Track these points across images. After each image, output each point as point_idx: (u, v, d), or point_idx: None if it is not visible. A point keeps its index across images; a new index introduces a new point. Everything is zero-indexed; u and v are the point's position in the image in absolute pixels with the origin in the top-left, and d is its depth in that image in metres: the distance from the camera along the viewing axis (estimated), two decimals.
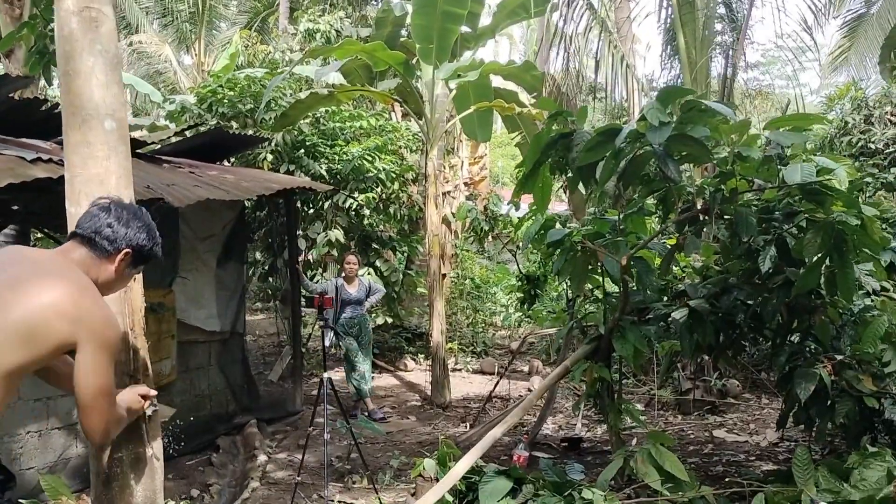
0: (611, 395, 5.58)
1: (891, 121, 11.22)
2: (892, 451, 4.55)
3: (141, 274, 2.70)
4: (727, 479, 5.30)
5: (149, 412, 2.61)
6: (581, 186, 5.36)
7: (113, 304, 2.62)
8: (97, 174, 2.65)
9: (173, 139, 7.40)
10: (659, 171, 4.74)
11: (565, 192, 14.54)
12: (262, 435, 7.01)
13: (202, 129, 8.28)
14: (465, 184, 14.24)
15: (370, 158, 10.01)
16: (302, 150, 9.74)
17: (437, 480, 4.65)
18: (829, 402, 4.96)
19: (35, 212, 5.66)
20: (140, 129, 10.07)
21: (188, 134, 7.42)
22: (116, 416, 2.20)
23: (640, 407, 8.06)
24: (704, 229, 4.99)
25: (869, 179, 10.12)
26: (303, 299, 7.88)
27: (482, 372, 10.76)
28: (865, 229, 4.33)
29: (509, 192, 11.85)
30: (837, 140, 11.64)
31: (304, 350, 9.22)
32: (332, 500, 4.82)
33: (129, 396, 2.39)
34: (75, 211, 2.58)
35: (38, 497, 4.14)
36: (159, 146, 7.28)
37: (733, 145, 4.53)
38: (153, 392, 2.50)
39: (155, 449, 2.67)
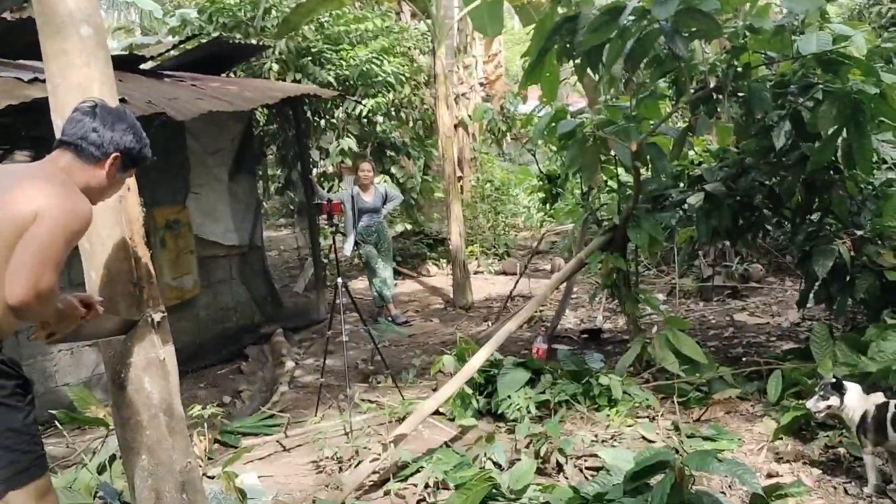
0: (627, 285, 5.58)
1: None
2: None
3: (133, 180, 2.68)
4: (745, 360, 5.36)
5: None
6: (590, 72, 5.19)
7: (110, 213, 2.64)
8: (78, 83, 2.59)
9: (173, 53, 7.27)
10: (668, 50, 4.57)
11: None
12: (288, 343, 7.18)
13: (203, 41, 8.11)
14: (481, 84, 13.85)
15: (378, 62, 9.76)
16: (308, 58, 9.52)
17: None
18: (848, 279, 4.92)
19: (38, 136, 5.65)
20: (146, 47, 9.86)
21: (187, 47, 7.27)
22: (47, 281, 2.01)
23: (661, 297, 8.08)
24: (718, 108, 4.83)
25: None
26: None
27: (504, 273, 10.81)
28: (885, 98, 4.16)
29: (529, 91, 11.57)
30: (866, 11, 11.07)
31: (325, 260, 9.31)
32: (356, 399, 4.96)
33: (67, 299, 2.24)
34: (61, 122, 2.54)
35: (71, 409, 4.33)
36: (160, 61, 7.17)
37: (745, 16, 4.31)
38: (96, 298, 2.36)
39: (167, 353, 2.72)
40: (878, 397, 3.54)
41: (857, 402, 3.52)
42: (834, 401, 3.54)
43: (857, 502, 3.46)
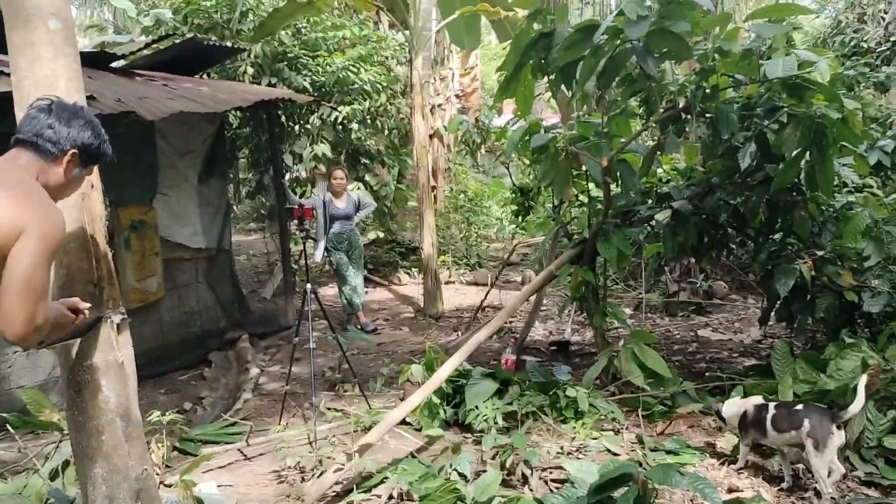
0: (595, 298, 5.62)
1: (884, 19, 10.90)
2: (869, 343, 4.63)
3: (97, 178, 2.64)
4: (708, 374, 5.42)
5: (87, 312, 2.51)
6: (564, 88, 5.24)
7: (72, 211, 2.59)
8: (45, 76, 2.56)
9: (146, 52, 7.19)
10: (640, 70, 4.63)
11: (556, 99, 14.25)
12: (254, 349, 7.10)
13: (177, 41, 8.03)
14: (457, 96, 13.92)
15: (355, 69, 9.75)
16: (284, 63, 9.49)
17: None
18: (809, 298, 5.02)
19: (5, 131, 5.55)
20: (119, 45, 9.75)
21: (161, 46, 7.20)
22: (41, 313, 2.03)
23: (628, 311, 8.16)
24: (686, 128, 4.90)
25: (860, 79, 9.93)
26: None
27: (476, 283, 10.83)
28: (846, 123, 4.27)
29: (504, 105, 11.63)
30: (830, 39, 11.36)
31: (295, 266, 9.25)
32: (322, 408, 4.92)
33: (57, 308, 2.24)
34: None
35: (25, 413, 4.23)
36: (132, 60, 7.08)
37: (714, 40, 4.40)
38: (85, 304, 2.34)
39: (125, 356, 2.68)
40: (757, 399, 4.06)
41: (731, 409, 4.06)
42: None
43: None
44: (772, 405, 3.91)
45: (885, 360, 4.33)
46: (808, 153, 4.42)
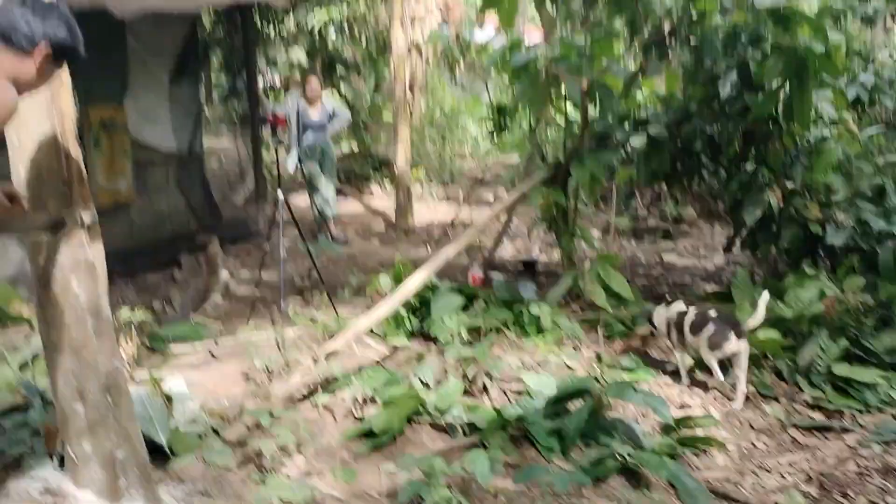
0: (565, 220, 5.68)
1: None
2: (828, 275, 4.78)
3: (69, 76, 2.57)
4: (669, 298, 5.56)
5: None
6: (548, 4, 5.15)
7: (40, 107, 2.53)
8: None
9: None
10: None
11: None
12: (224, 254, 7.10)
13: None
14: (439, 8, 13.52)
15: None
16: None
17: None
18: (775, 228, 5.12)
19: None
20: None
21: None
22: None
23: (597, 233, 8.27)
24: (669, 52, 4.86)
25: (848, 11, 9.82)
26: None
27: (448, 200, 10.84)
28: (829, 56, 4.26)
29: (487, 19, 11.34)
30: None
31: (266, 174, 9.15)
32: (290, 313, 4.98)
33: None
34: None
35: None
36: None
37: None
38: (23, 193, 2.35)
39: (96, 256, 2.65)
40: (681, 306, 4.32)
41: (660, 316, 4.35)
42: (651, 324, 4.45)
43: (760, 436, 3.71)
44: (691, 310, 4.20)
45: (842, 291, 4.48)
46: (787, 84, 4.43)
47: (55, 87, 2.51)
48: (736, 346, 3.94)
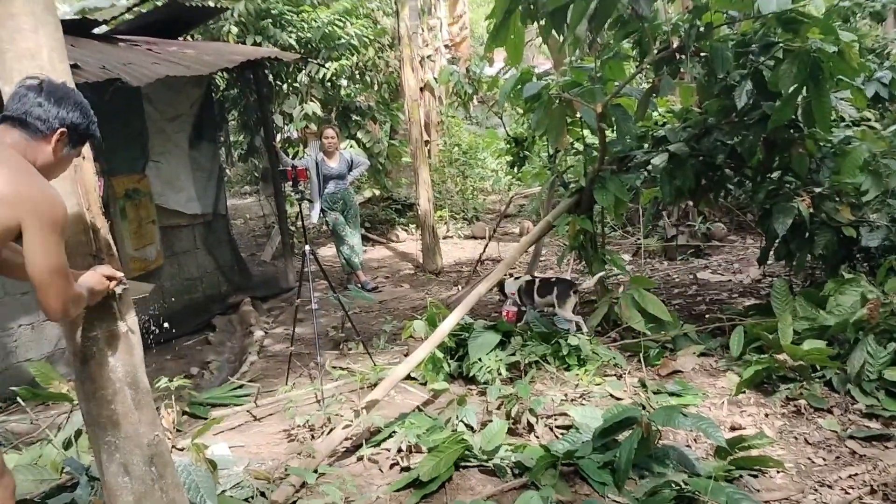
0: (594, 246, 5.62)
1: None
2: (868, 278, 4.65)
3: (88, 149, 2.61)
4: (708, 316, 5.46)
5: (118, 290, 2.59)
6: (555, 33, 5.16)
7: (65, 184, 2.56)
8: (27, 48, 2.50)
9: (128, 16, 7.05)
10: (632, 11, 4.55)
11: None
12: (257, 312, 7.14)
13: (158, 3, 7.87)
14: (446, 46, 13.70)
15: (341, 24, 9.60)
16: (268, 20, 9.32)
17: None
18: (807, 235, 5.02)
19: None
20: (100, 10, 9.55)
21: (142, 10, 7.05)
22: (73, 293, 2.18)
23: (627, 257, 8.18)
24: (681, 68, 4.84)
25: (855, 9, 9.75)
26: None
27: (473, 237, 10.83)
28: (843, 56, 4.20)
29: (494, 54, 11.45)
30: None
31: (292, 228, 9.24)
32: (327, 367, 4.96)
33: (92, 277, 2.36)
34: (9, 90, 2.46)
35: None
36: (114, 25, 6.95)
37: None
38: (119, 273, 2.46)
39: (130, 324, 2.68)
40: (528, 277, 5.89)
41: (511, 286, 5.75)
42: (510, 301, 5.74)
43: (817, 451, 3.58)
44: (537, 279, 5.68)
45: (884, 293, 4.36)
46: (804, 89, 4.36)
47: (77, 161, 2.55)
48: (575, 298, 5.30)
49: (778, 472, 3.38)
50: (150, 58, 5.92)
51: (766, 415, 3.97)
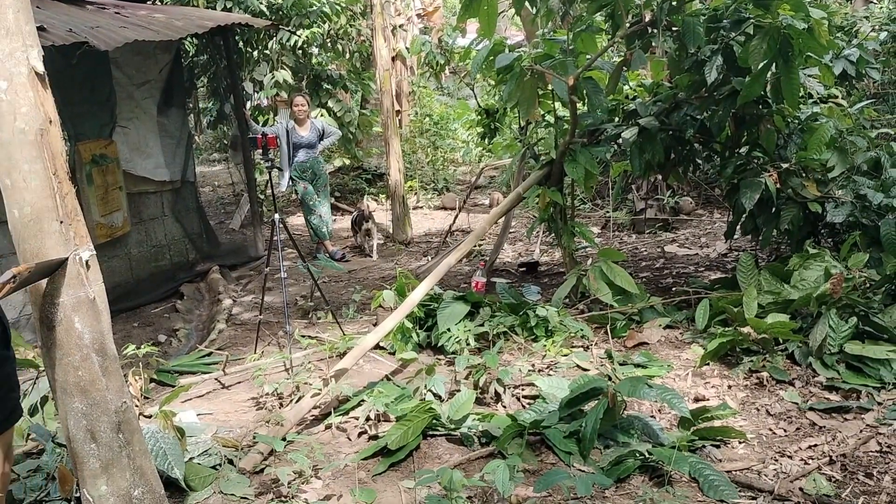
0: (563, 219, 5.66)
1: None
2: (832, 253, 4.75)
3: (55, 113, 2.54)
4: (675, 289, 5.55)
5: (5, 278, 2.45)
6: (528, 5, 5.14)
7: (31, 148, 2.51)
8: None
9: None
10: None
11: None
12: (226, 280, 7.08)
13: None
14: (419, 15, 13.53)
15: None
16: None
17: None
18: (774, 210, 5.10)
19: None
20: None
21: None
22: None
23: (596, 230, 8.26)
24: (653, 42, 4.85)
25: None
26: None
27: (444, 208, 10.82)
28: (812, 33, 4.24)
29: (467, 25, 11.35)
30: None
31: (261, 196, 9.14)
32: (296, 335, 4.96)
33: None
34: None
35: None
36: None
37: None
38: (4, 277, 2.27)
39: (96, 292, 2.64)
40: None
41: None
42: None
43: (778, 422, 3.68)
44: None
45: (847, 268, 4.45)
46: (774, 65, 4.41)
47: (44, 126, 2.49)
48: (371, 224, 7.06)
49: (740, 442, 3.47)
50: (118, 21, 5.77)
51: (730, 386, 4.07)
